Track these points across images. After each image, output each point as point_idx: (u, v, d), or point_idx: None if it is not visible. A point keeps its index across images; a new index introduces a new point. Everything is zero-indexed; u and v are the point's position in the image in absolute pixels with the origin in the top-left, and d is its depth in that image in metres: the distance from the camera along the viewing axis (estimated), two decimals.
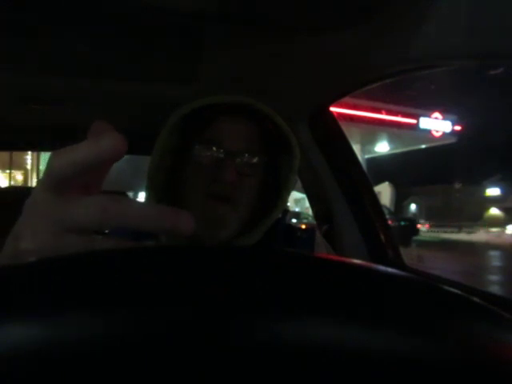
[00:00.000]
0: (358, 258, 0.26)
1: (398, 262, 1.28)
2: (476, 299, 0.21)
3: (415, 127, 15.89)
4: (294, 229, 0.77)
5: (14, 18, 0.77)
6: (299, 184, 1.62)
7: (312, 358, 0.17)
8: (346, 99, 1.28)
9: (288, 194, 0.69)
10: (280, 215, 0.73)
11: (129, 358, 0.16)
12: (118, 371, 0.16)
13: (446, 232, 18.02)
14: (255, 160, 0.66)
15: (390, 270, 0.22)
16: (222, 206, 0.63)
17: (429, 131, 16.34)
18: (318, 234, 0.79)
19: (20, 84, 1.16)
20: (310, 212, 1.69)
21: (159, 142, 0.66)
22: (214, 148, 0.65)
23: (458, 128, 17.29)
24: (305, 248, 0.73)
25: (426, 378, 0.17)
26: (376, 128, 15.01)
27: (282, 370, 0.17)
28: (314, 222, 1.55)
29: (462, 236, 16.59)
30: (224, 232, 0.64)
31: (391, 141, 17.91)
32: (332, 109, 1.31)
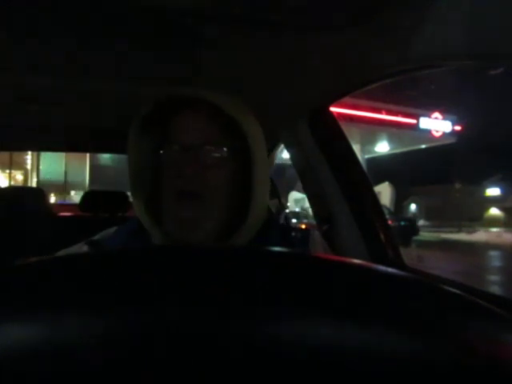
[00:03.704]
0: (358, 258, 0.26)
1: (398, 262, 1.28)
2: (476, 299, 0.21)
3: (415, 127, 15.88)
4: (289, 228, 0.75)
5: (15, 18, 0.77)
6: (299, 184, 1.62)
7: (312, 358, 0.17)
8: (346, 99, 1.28)
9: (259, 190, 0.65)
10: (274, 214, 0.72)
11: (128, 358, 0.16)
12: (118, 370, 0.16)
13: (445, 232, 18.01)
14: (215, 152, 0.65)
15: (389, 269, 0.22)
16: (190, 205, 0.62)
17: (429, 131, 16.34)
18: (315, 233, 0.78)
19: (20, 84, 1.16)
20: (310, 212, 1.69)
21: (128, 146, 0.67)
22: (173, 144, 0.65)
23: (458, 128, 17.28)
24: (300, 247, 0.72)
25: (425, 378, 0.17)
26: (376, 128, 15.00)
27: (282, 370, 0.17)
28: (314, 222, 1.55)
29: (462, 236, 16.56)
30: (198, 233, 0.63)
31: (391, 141, 17.89)
32: (332, 109, 1.31)
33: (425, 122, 16.16)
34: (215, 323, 0.17)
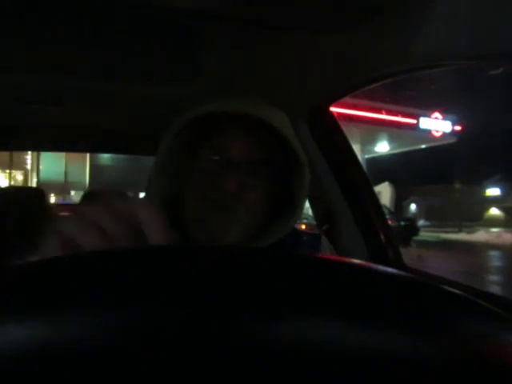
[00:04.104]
0: (358, 258, 0.26)
1: (398, 262, 1.28)
2: (476, 299, 0.21)
3: (415, 127, 15.89)
4: (299, 233, 0.76)
5: (15, 18, 0.77)
6: None
7: (312, 358, 0.17)
8: (346, 99, 1.28)
9: (300, 211, 0.67)
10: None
11: (129, 358, 0.16)
12: (119, 370, 0.16)
13: (445, 232, 18.01)
14: (259, 172, 0.64)
15: (389, 269, 0.22)
16: (221, 215, 0.62)
17: (429, 131, 16.35)
18: (323, 238, 0.78)
19: (20, 84, 1.16)
20: (310, 212, 1.69)
21: (163, 146, 0.65)
22: (218, 157, 0.64)
23: (458, 128, 17.30)
24: (311, 251, 0.72)
25: (425, 378, 0.17)
26: (376, 128, 15.01)
27: (283, 370, 0.17)
28: (314, 222, 1.55)
29: (462, 236, 16.57)
30: (224, 240, 0.62)
31: (391, 141, 17.91)
32: (332, 109, 1.31)
33: (425, 122, 16.17)
34: (216, 323, 0.17)
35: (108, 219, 0.32)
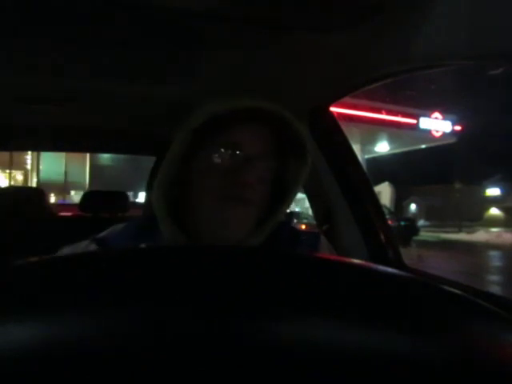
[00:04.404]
0: (358, 258, 0.26)
1: (398, 262, 1.28)
2: (476, 299, 0.21)
3: (415, 127, 15.89)
4: (298, 232, 0.76)
5: (15, 18, 0.77)
6: None
7: (312, 358, 0.17)
8: (346, 99, 1.28)
9: (293, 198, 0.70)
10: (285, 218, 0.73)
11: (129, 358, 0.16)
12: (119, 370, 0.16)
13: (445, 232, 18.00)
14: (272, 165, 0.67)
15: (389, 269, 0.22)
16: (237, 208, 0.63)
17: (429, 131, 16.35)
18: (322, 237, 0.79)
19: (20, 84, 1.16)
20: (310, 212, 1.69)
21: (175, 147, 0.65)
22: (235, 151, 0.65)
23: (458, 128, 17.29)
24: (310, 250, 0.72)
25: (425, 378, 0.17)
26: (376, 128, 15.00)
27: (283, 370, 0.17)
28: (314, 222, 1.55)
29: (462, 236, 16.55)
30: (238, 233, 0.64)
31: (391, 141, 17.90)
32: (332, 109, 1.31)
33: (425, 122, 16.16)
34: (216, 323, 0.17)
35: None
